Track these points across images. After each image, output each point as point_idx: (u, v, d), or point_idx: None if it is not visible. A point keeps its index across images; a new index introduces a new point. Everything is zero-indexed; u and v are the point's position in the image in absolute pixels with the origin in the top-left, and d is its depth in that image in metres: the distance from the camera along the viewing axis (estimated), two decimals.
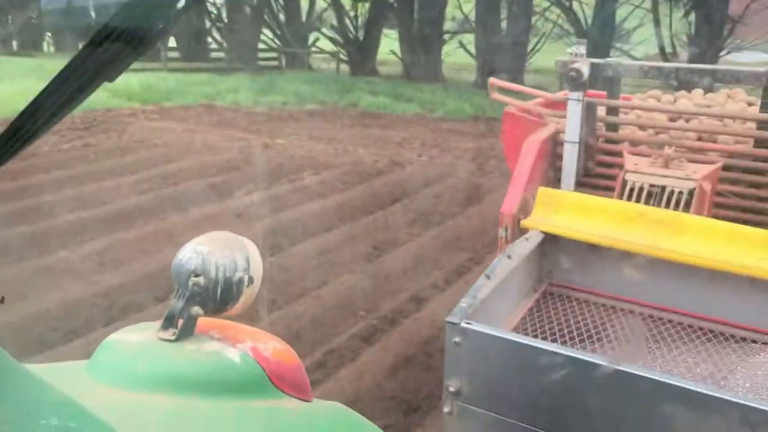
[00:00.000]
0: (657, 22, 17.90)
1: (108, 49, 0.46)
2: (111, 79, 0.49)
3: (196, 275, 1.11)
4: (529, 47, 19.44)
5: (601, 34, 17.19)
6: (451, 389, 1.85)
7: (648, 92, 4.18)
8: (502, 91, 3.91)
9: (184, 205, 6.63)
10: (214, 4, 23.92)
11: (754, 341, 2.36)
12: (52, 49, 24.35)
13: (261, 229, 5.90)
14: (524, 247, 2.49)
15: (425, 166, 8.89)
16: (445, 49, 21.92)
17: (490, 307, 2.08)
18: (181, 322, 1.11)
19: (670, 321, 2.49)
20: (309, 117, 12.67)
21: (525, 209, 2.89)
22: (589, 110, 3.34)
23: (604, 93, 3.69)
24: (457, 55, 22.88)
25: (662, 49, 16.99)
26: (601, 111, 3.60)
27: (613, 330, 2.41)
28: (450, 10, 22.54)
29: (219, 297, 1.13)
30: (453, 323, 1.81)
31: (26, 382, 0.60)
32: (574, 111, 3.21)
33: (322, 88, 15.72)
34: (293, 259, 5.31)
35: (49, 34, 24.49)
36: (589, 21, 18.25)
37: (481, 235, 6.00)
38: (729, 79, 3.22)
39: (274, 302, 4.67)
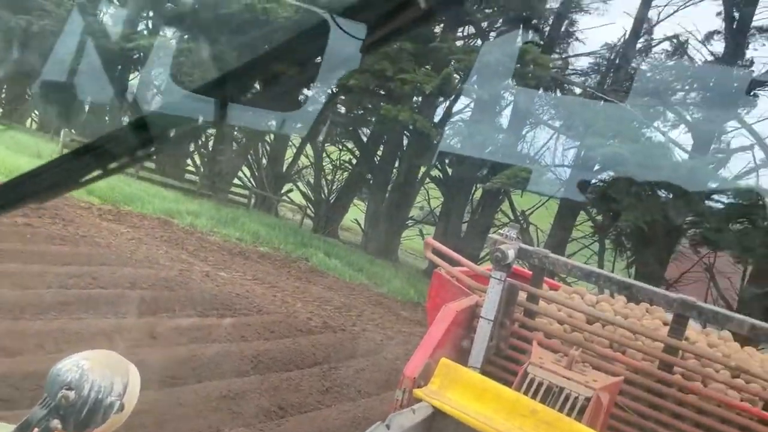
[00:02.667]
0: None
1: (85, 162, 0.54)
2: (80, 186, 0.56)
3: (69, 389, 1.10)
4: (482, 254, 20.43)
5: None
6: None
7: (574, 287, 4.23)
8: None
9: (101, 311, 6.35)
10: (204, 131, 24.94)
11: None
12: (34, 126, 24.57)
13: (171, 357, 5.64)
14: (408, 419, 2.41)
15: (356, 336, 8.83)
16: (406, 232, 22.90)
17: None
18: (36, 431, 1.08)
19: None
20: (259, 258, 12.70)
21: (427, 375, 2.81)
22: (510, 292, 3.32)
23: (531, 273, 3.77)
24: (416, 241, 23.85)
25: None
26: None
27: None
28: (419, 199, 23.93)
29: (83, 416, 1.11)
30: None
31: None
32: (494, 289, 3.21)
33: (281, 235, 15.94)
34: (193, 396, 5.03)
35: (36, 113, 24.86)
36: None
37: None
38: (644, 297, 3.33)
39: None
